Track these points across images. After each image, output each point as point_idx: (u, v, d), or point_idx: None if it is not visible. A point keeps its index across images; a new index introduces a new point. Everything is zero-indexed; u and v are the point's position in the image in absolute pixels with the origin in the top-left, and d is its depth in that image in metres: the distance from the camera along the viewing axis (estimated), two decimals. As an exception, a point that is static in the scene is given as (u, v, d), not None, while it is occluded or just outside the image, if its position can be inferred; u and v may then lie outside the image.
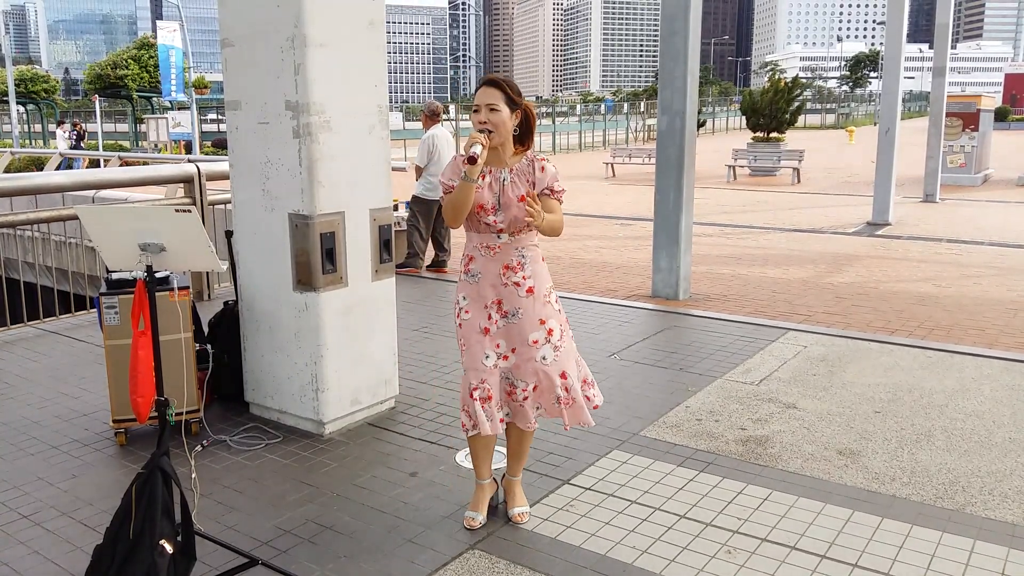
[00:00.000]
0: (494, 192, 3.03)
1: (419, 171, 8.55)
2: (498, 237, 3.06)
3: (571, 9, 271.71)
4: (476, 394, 3.07)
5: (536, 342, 3.07)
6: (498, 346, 3.09)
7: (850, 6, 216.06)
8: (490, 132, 2.96)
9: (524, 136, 3.10)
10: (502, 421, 3.16)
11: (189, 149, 27.94)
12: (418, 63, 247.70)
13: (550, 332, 3.09)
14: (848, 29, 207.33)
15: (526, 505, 3.32)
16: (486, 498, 3.29)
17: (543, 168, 3.07)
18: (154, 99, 40.97)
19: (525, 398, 3.11)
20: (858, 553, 3.03)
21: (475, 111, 3.00)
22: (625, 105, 54.15)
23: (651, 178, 7.96)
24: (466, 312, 3.12)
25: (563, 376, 3.11)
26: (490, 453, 3.27)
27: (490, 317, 3.09)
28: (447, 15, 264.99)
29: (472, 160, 2.86)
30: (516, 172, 3.05)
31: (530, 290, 3.08)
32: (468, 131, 3.13)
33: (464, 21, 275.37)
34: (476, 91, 3.05)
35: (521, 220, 3.02)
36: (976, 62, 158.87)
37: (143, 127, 33.95)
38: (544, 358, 3.08)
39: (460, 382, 3.20)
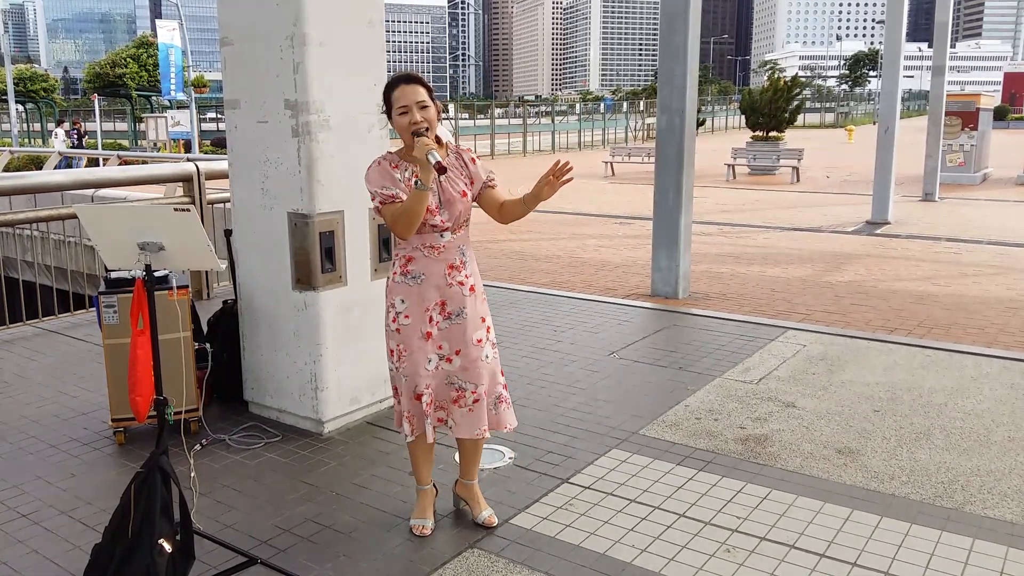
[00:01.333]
0: (434, 192, 2.90)
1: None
2: (441, 236, 2.94)
3: (570, 8, 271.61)
4: (424, 399, 2.99)
5: (480, 341, 3.01)
6: (440, 347, 3.00)
7: (849, 5, 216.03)
8: (427, 131, 2.83)
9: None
10: (441, 422, 3.09)
11: (188, 148, 27.94)
12: (417, 62, 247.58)
13: (488, 329, 3.06)
14: (847, 28, 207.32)
15: (489, 507, 3.28)
16: (431, 502, 3.25)
17: (474, 160, 3.02)
18: (153, 98, 40.95)
19: (475, 400, 3.03)
20: (857, 552, 3.03)
21: (403, 112, 2.82)
22: (624, 104, 54.15)
23: (650, 177, 7.95)
24: (405, 317, 2.97)
25: (501, 373, 3.12)
26: (431, 457, 3.22)
27: (431, 320, 2.97)
28: (446, 14, 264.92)
29: (443, 169, 2.71)
30: (448, 167, 2.94)
31: (472, 288, 3.01)
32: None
33: (463, 20, 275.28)
34: (392, 90, 2.87)
35: (463, 215, 2.96)
36: (975, 61, 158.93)
37: (142, 126, 33.94)
38: (487, 356, 3.03)
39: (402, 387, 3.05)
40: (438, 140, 2.96)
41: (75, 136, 29.29)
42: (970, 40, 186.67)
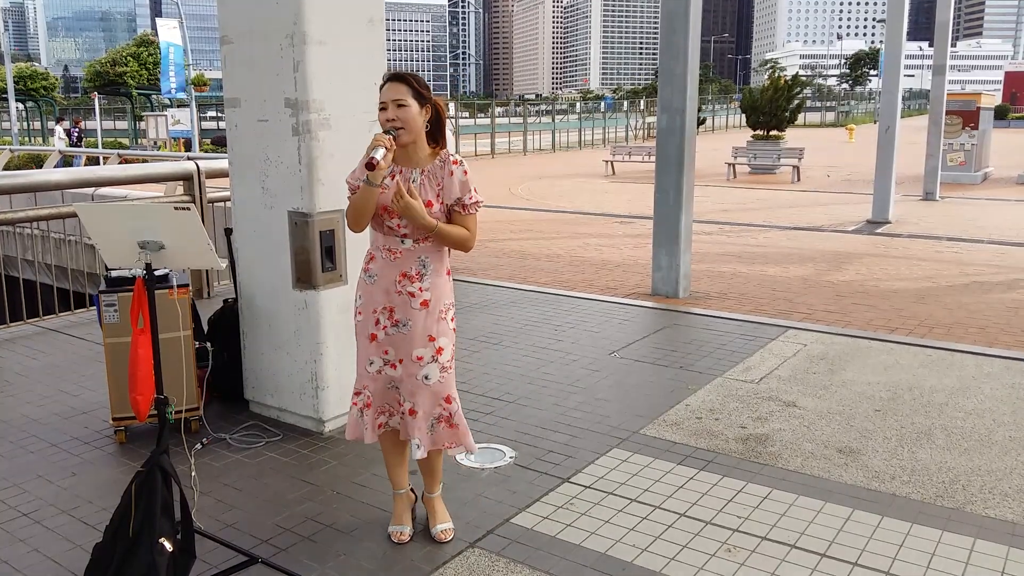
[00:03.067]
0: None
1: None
2: (401, 242, 2.88)
3: (571, 6, 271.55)
4: (358, 400, 2.99)
5: (420, 359, 2.90)
6: (386, 352, 2.94)
7: (850, 4, 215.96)
8: (399, 130, 2.77)
9: (436, 134, 2.91)
10: (381, 427, 3.02)
11: (188, 147, 27.93)
12: (418, 60, 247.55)
13: (439, 351, 2.92)
14: (848, 27, 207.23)
15: (449, 521, 3.16)
16: (407, 508, 3.16)
17: (452, 172, 2.86)
18: (153, 96, 40.96)
19: (410, 412, 2.94)
20: (858, 552, 3.03)
21: (381, 109, 2.80)
22: (625, 103, 54.12)
23: (651, 176, 7.95)
24: (359, 314, 2.98)
25: (447, 400, 2.97)
26: (402, 460, 3.13)
27: (378, 323, 2.93)
28: (447, 12, 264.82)
29: (371, 166, 2.67)
30: (428, 173, 2.87)
31: (424, 303, 2.90)
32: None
33: (464, 18, 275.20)
34: (381, 87, 2.84)
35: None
36: (976, 60, 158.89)
37: (142, 124, 33.97)
38: (427, 377, 2.92)
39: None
40: (434, 145, 2.90)
41: (75, 135, 29.26)
42: (971, 39, 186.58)
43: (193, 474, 3.29)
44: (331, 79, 3.95)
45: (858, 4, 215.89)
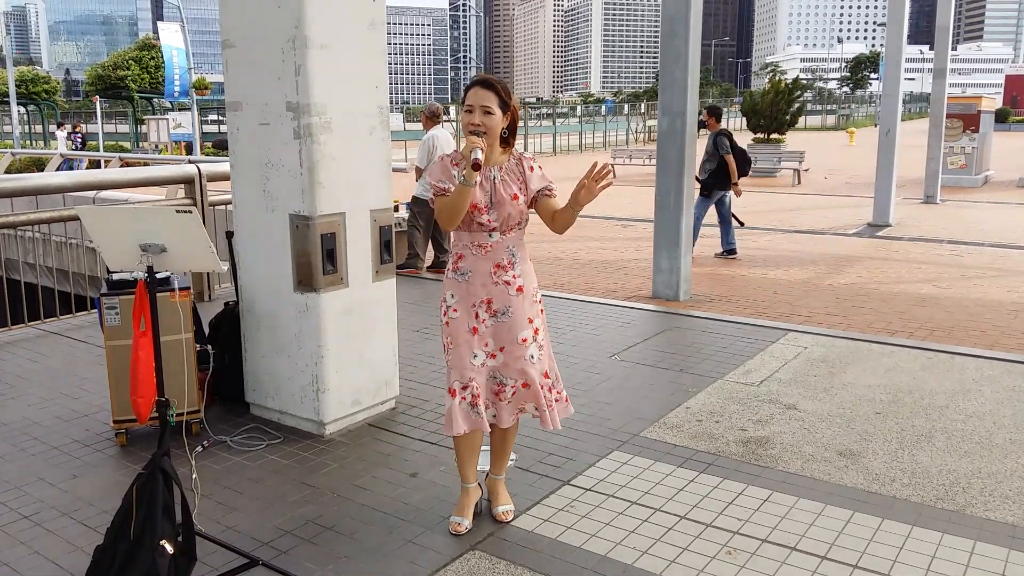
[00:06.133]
0: (486, 191, 3.03)
1: (419, 172, 8.56)
2: (490, 236, 3.07)
3: (572, 10, 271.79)
4: (465, 393, 3.08)
5: (525, 340, 3.10)
6: (486, 344, 3.10)
7: (851, 7, 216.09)
8: (483, 133, 2.95)
9: (510, 136, 3.11)
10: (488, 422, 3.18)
11: (190, 150, 27.97)
12: (418, 64, 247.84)
13: (536, 331, 3.14)
14: (849, 30, 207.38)
15: (510, 503, 3.33)
16: (472, 502, 3.27)
17: (532, 168, 3.11)
18: (155, 100, 41.01)
19: (514, 393, 3.13)
20: (858, 554, 3.03)
21: (468, 111, 2.98)
22: (626, 106, 54.14)
23: (652, 179, 7.96)
24: (454, 311, 3.12)
25: (545, 375, 3.19)
26: (476, 455, 3.25)
27: (477, 316, 3.09)
28: (447, 16, 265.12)
29: (477, 166, 2.84)
30: (505, 171, 3.08)
31: (520, 289, 3.10)
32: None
33: (464, 22, 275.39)
34: (467, 90, 3.03)
35: (513, 218, 3.05)
36: (977, 63, 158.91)
37: (144, 128, 34.00)
38: (532, 356, 3.12)
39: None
40: (505, 145, 3.09)
41: (78, 140, 29.29)
42: (971, 43, 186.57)
43: (194, 476, 3.29)
44: (332, 83, 3.96)
45: (858, 7, 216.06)
